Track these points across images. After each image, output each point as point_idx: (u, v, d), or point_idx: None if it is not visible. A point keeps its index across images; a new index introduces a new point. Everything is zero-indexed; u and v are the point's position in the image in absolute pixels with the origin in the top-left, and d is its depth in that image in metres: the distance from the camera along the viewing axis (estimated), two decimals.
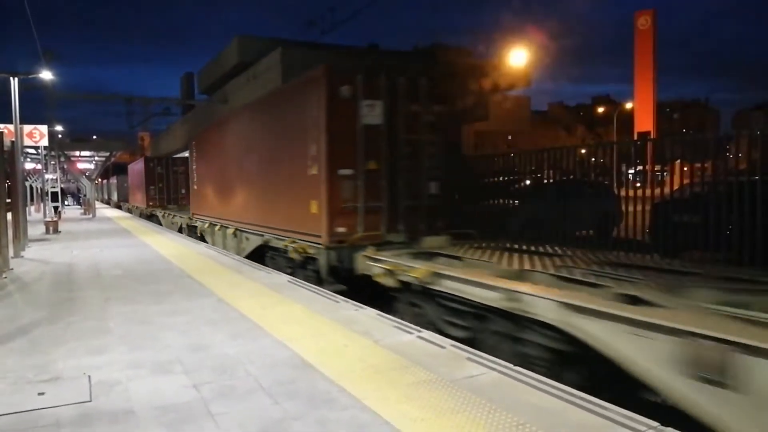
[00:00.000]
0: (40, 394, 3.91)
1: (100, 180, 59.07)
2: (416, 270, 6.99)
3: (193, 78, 38.74)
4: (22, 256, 12.29)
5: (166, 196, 29.10)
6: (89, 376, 4.25)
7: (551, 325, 5.06)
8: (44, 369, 4.47)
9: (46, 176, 27.58)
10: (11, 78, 16.50)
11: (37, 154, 27.42)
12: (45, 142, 18.83)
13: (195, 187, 19.03)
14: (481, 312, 6.10)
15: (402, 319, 6.38)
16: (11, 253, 12.07)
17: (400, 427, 3.27)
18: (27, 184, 37.90)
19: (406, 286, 7.28)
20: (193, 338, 5.31)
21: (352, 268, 8.66)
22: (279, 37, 24.82)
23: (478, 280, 6.07)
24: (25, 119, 17.19)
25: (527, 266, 6.71)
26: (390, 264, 7.67)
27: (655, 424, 3.19)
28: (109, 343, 5.19)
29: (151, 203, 28.43)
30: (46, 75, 18.76)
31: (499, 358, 4.64)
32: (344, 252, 8.77)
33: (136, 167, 33.35)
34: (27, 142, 17.95)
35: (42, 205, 29.27)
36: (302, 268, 9.78)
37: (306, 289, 7.71)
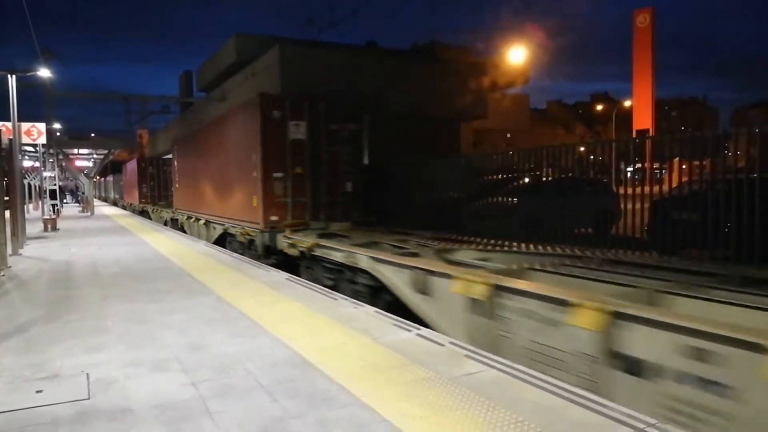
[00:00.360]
0: (37, 392, 3.91)
1: (98, 178, 59.02)
2: (306, 243, 10.34)
3: (191, 76, 38.65)
4: (20, 254, 12.27)
5: (156, 193, 31.79)
6: (87, 374, 4.24)
7: (368, 271, 8.12)
8: (42, 367, 4.46)
9: (45, 174, 27.52)
10: (9, 75, 16.46)
11: (35, 151, 27.38)
12: (43, 139, 18.80)
13: (176, 185, 22.40)
14: (339, 267, 9.17)
15: (300, 276, 9.24)
16: (9, 250, 12.04)
17: (400, 425, 3.27)
18: (25, 182, 37.87)
19: (302, 254, 10.47)
20: (191, 337, 5.31)
21: (276, 245, 11.72)
22: (277, 36, 24.78)
23: (336, 247, 9.26)
24: (24, 117, 17.14)
25: (392, 242, 9.89)
26: (292, 240, 11.00)
27: (653, 421, 3.19)
28: (108, 342, 5.18)
29: (143, 200, 30.80)
30: (44, 73, 18.72)
31: (345, 294, 7.43)
32: (273, 234, 11.82)
33: (130, 166, 35.97)
34: (25, 139, 17.91)
35: (40, 203, 29.26)
36: (248, 248, 12.72)
37: (304, 287, 7.70)
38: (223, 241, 15.12)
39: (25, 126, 17.83)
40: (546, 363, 4.99)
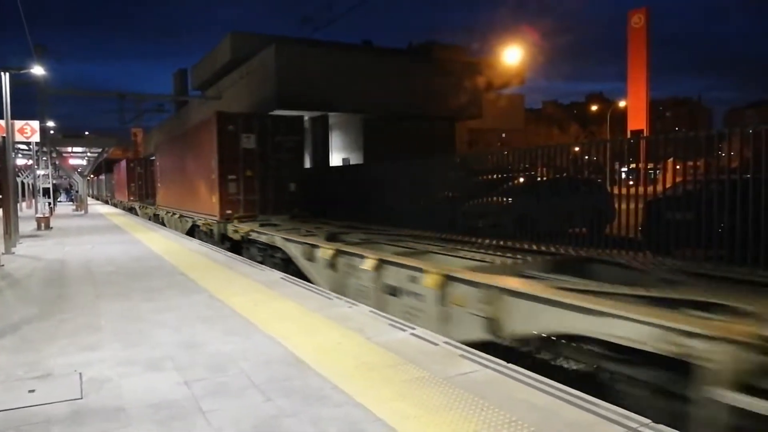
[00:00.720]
0: (30, 391, 3.89)
1: (92, 176, 58.78)
2: (244, 229, 13.11)
3: (186, 74, 38.54)
4: (13, 253, 12.21)
5: (143, 191, 33.79)
6: (80, 374, 4.23)
7: (280, 248, 10.92)
8: (35, 366, 4.44)
9: (38, 172, 27.38)
10: (2, 73, 16.35)
11: (29, 150, 27.22)
12: (36, 138, 18.65)
13: (158, 184, 25.54)
14: (265, 247, 11.92)
15: (240, 255, 12.17)
16: (2, 249, 12.00)
17: (394, 424, 3.27)
18: (18, 180, 37.66)
19: (242, 238, 13.18)
20: (185, 335, 5.29)
21: (227, 233, 14.46)
22: (272, 34, 24.73)
23: (264, 232, 12.03)
24: (17, 115, 17.02)
25: (308, 229, 12.07)
26: (236, 228, 13.78)
27: (647, 421, 3.20)
28: (101, 340, 5.16)
29: (131, 198, 32.99)
30: (38, 70, 18.61)
31: (266, 265, 10.37)
32: (225, 224, 14.57)
33: (121, 166, 38.14)
34: (18, 137, 17.79)
35: (33, 201, 29.13)
36: (210, 237, 15.52)
37: (299, 286, 7.69)
38: (193, 231, 17.98)
39: (18, 124, 17.69)
40: (360, 296, 7.83)
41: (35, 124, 18.58)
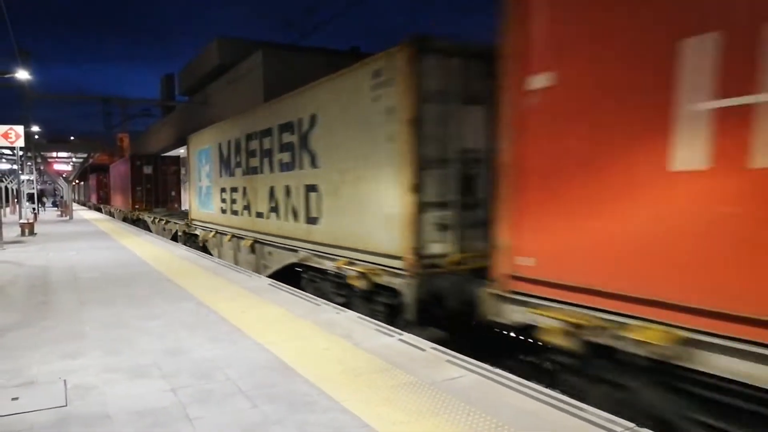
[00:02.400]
0: (13, 399, 3.84)
1: (77, 182, 58.22)
2: (136, 214, 26.66)
3: (173, 79, 38.40)
4: None
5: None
6: (65, 381, 4.18)
7: (146, 221, 24.09)
8: (18, 374, 4.38)
9: (22, 177, 27.09)
10: None
11: (13, 154, 26.94)
12: (21, 142, 18.48)
13: (112, 193, 39.22)
14: (145, 222, 24.62)
15: (139, 227, 22.00)
16: None
17: (380, 429, 3.27)
18: (2, 185, 37.22)
19: (138, 219, 26.23)
20: (171, 342, 5.26)
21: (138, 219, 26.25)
22: (259, 40, 24.74)
23: (143, 217, 25.49)
24: (1, 119, 16.88)
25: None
26: (135, 215, 26.64)
27: (631, 425, 3.23)
28: (85, 347, 5.11)
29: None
30: (22, 75, 18.48)
31: (143, 230, 20.41)
32: (134, 214, 26.85)
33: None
34: (2, 142, 17.62)
35: (18, 206, 28.79)
36: (131, 222, 26.88)
37: (286, 292, 7.67)
38: (126, 221, 28.33)
39: (2, 129, 17.53)
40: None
41: (20, 128, 18.41)
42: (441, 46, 6.30)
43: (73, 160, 37.80)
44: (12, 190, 42.30)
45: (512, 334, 5.80)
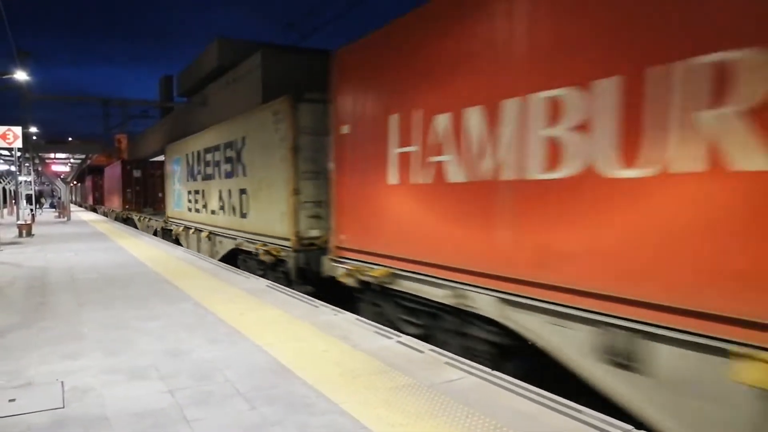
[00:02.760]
0: (11, 400, 3.84)
1: (75, 183, 58.18)
2: (126, 214, 28.61)
3: (171, 80, 38.35)
4: None
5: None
6: (62, 382, 4.18)
7: (133, 219, 26.68)
8: (16, 375, 4.38)
9: (20, 178, 27.07)
10: None
11: (11, 155, 26.92)
12: (19, 143, 18.47)
13: (105, 194, 41.05)
14: (133, 220, 26.15)
15: (129, 225, 24.21)
16: None
17: (379, 431, 3.27)
18: (0, 186, 37.17)
19: (128, 218, 27.95)
20: (169, 343, 5.25)
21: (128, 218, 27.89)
22: (259, 41, 24.75)
23: (133, 216, 26.90)
24: None
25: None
26: (126, 214, 28.62)
27: (629, 427, 3.24)
28: (83, 349, 5.10)
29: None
30: (21, 75, 18.46)
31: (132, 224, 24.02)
32: (126, 213, 28.63)
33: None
34: (0, 143, 17.60)
35: (15, 208, 28.79)
36: (122, 221, 28.61)
37: (285, 293, 7.67)
38: (117, 220, 30.36)
39: (0, 129, 17.52)
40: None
41: (18, 129, 18.40)
42: (310, 97, 9.20)
43: (71, 161, 37.76)
44: (10, 191, 42.24)
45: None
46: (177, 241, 17.14)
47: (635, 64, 3.77)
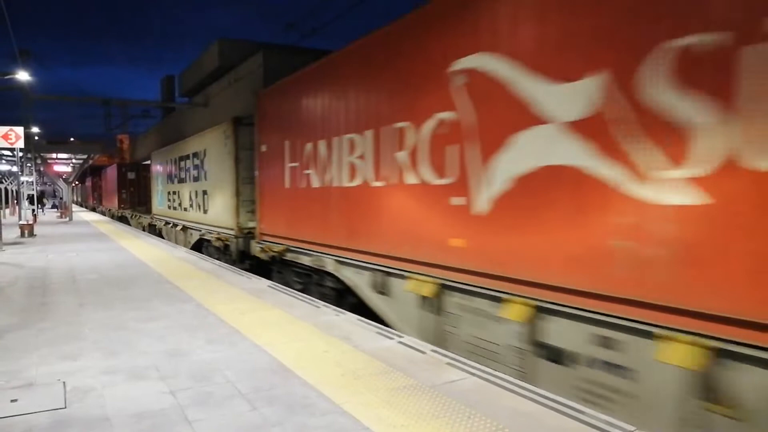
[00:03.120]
0: (12, 401, 3.83)
1: (77, 183, 58.27)
2: (123, 213, 32.26)
3: (173, 80, 38.33)
4: None
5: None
6: (63, 383, 4.18)
7: (127, 218, 31.56)
8: (17, 375, 4.38)
9: (22, 179, 27.10)
10: None
11: (13, 156, 26.95)
12: (21, 143, 18.48)
13: (104, 194, 43.81)
14: (126, 218, 30.80)
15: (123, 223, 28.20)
16: None
17: None
18: (1, 186, 37.22)
19: (124, 216, 32.07)
20: (170, 344, 5.25)
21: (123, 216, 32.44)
22: (260, 41, 24.74)
23: (126, 214, 31.77)
24: (1, 121, 16.88)
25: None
26: (121, 213, 32.51)
27: (631, 428, 3.23)
28: (84, 349, 5.10)
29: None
30: (23, 76, 18.48)
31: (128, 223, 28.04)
32: (122, 212, 32.64)
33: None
34: (2, 143, 17.62)
35: (17, 207, 28.83)
36: (117, 220, 31.95)
37: (286, 294, 7.67)
38: (113, 218, 33.04)
39: (2, 130, 17.53)
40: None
41: (19, 129, 18.41)
42: (248, 122, 11.81)
43: (73, 161, 37.79)
44: (12, 191, 42.29)
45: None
46: (160, 235, 21.07)
47: (377, 124, 6.94)
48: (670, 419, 3.69)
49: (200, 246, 15.17)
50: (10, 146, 18.49)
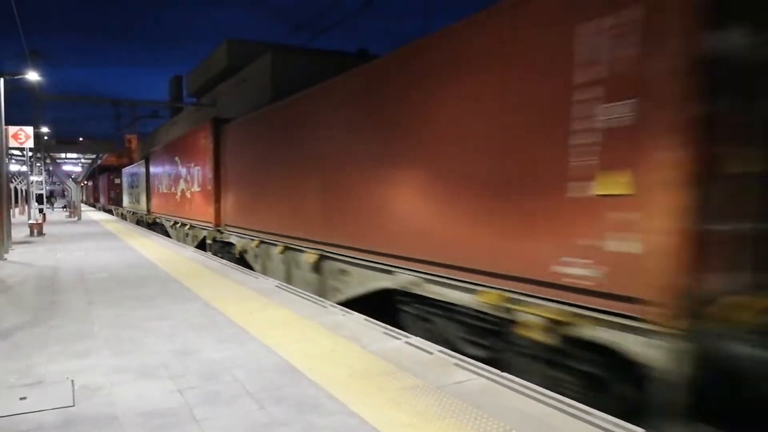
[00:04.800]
0: (21, 398, 3.86)
1: (85, 182, 58.69)
2: (112, 208, 43.04)
3: (181, 81, 38.53)
4: (5, 259, 12.14)
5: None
6: (72, 381, 4.20)
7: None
8: (26, 373, 4.40)
9: (32, 178, 27.30)
10: None
11: (23, 155, 27.15)
12: (30, 143, 18.61)
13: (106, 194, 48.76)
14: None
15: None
16: None
17: None
18: (12, 186, 37.48)
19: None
20: (178, 343, 5.27)
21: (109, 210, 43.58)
22: (268, 42, 24.80)
23: (114, 207, 42.51)
24: (11, 120, 16.99)
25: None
26: (108, 207, 45.21)
27: (640, 430, 3.20)
28: (93, 348, 5.13)
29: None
30: (33, 76, 18.59)
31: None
32: (108, 207, 46.42)
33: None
34: (12, 143, 17.74)
35: (27, 207, 29.04)
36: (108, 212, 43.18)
37: (293, 293, 7.67)
38: (104, 210, 42.78)
39: (12, 129, 17.65)
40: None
41: (29, 129, 18.53)
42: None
43: (82, 161, 38.02)
44: (21, 191, 42.59)
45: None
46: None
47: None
48: None
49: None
50: (20, 146, 18.62)
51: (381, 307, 6.95)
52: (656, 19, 3.66)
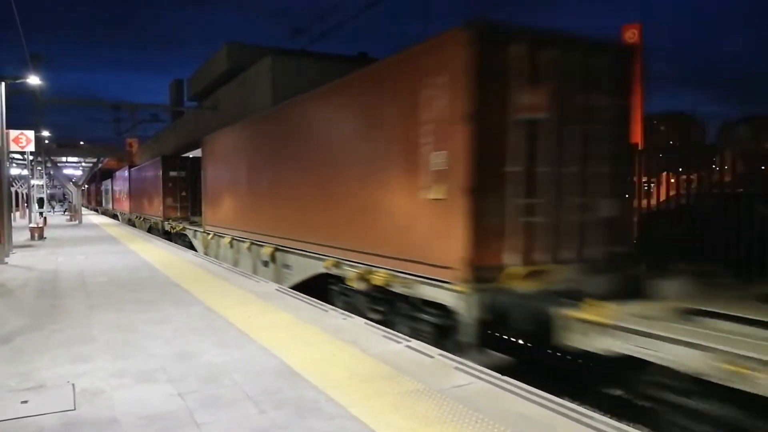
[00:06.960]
0: (23, 402, 3.86)
1: (86, 186, 58.77)
2: (99, 209, 53.47)
3: (182, 84, 38.62)
4: (6, 263, 12.14)
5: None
6: (73, 385, 4.20)
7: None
8: (27, 377, 4.41)
9: (32, 182, 27.32)
10: None
11: (24, 159, 27.18)
12: (31, 147, 18.63)
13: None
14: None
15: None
16: None
17: None
18: (12, 190, 37.49)
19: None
20: (178, 347, 5.27)
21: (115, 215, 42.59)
22: (269, 45, 24.86)
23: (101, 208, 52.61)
24: (12, 124, 17.01)
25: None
26: (97, 209, 56.21)
27: None
28: (94, 352, 5.13)
29: (98, 205, 52.47)
30: (34, 80, 18.61)
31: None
32: (98, 209, 55.93)
33: (95, 185, 57.73)
34: (13, 147, 17.76)
35: (27, 211, 29.05)
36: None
37: (293, 297, 7.68)
38: (95, 211, 52.41)
39: (13, 133, 17.67)
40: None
41: (30, 133, 18.56)
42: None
43: (83, 164, 38.07)
44: (22, 194, 42.59)
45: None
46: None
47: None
48: None
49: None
50: (20, 150, 18.64)
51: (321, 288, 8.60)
52: (452, 83, 5.59)
